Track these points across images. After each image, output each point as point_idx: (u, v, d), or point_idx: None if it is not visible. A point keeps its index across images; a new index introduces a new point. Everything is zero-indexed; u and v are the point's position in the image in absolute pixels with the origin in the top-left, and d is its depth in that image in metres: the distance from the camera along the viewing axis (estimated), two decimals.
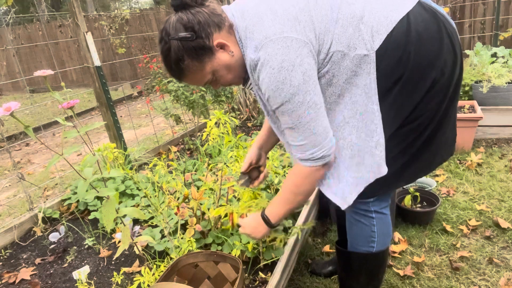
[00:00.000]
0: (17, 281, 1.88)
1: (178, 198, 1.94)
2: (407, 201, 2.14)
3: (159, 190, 1.85)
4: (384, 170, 1.14)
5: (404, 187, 2.32)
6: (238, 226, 1.41)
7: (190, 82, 1.17)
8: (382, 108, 1.09)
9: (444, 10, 1.16)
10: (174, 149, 3.29)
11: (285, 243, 1.69)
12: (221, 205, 1.88)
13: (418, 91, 1.08)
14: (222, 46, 1.08)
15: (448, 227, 2.03)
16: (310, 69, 1.02)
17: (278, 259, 1.61)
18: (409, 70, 1.05)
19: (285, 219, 1.83)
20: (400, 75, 1.06)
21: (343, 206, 1.19)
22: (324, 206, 2.27)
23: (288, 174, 1.20)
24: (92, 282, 1.78)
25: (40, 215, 2.32)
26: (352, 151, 1.13)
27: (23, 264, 2.02)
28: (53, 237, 2.22)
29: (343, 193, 1.18)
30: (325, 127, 1.07)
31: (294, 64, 0.99)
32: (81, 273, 1.83)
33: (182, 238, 1.65)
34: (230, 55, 1.09)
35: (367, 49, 1.04)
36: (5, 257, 2.11)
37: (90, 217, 2.32)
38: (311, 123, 1.04)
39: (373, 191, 1.20)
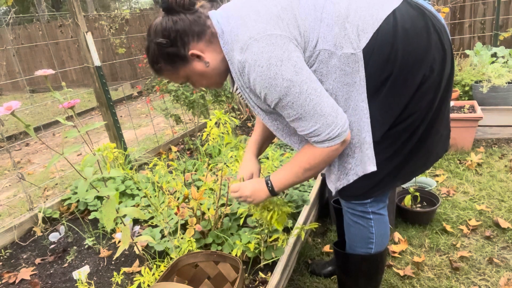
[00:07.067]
0: (17, 281, 1.88)
1: (178, 198, 1.94)
2: (407, 201, 2.14)
3: (159, 190, 1.85)
4: (370, 168, 1.14)
5: (404, 187, 2.32)
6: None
7: (166, 79, 1.20)
8: (373, 108, 1.09)
9: (432, 7, 1.16)
10: (174, 149, 3.30)
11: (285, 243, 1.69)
12: (222, 204, 1.88)
13: (408, 89, 1.07)
14: (197, 56, 1.10)
15: (448, 227, 2.03)
16: (299, 61, 1.02)
17: (278, 259, 1.61)
18: (398, 68, 1.05)
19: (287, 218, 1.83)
20: (389, 73, 1.05)
21: (333, 190, 1.24)
22: (324, 206, 2.27)
23: (301, 151, 1.16)
24: (92, 282, 1.78)
25: (40, 215, 2.32)
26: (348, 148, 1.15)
27: (23, 264, 2.02)
28: (53, 237, 2.22)
29: (334, 177, 1.22)
30: (332, 105, 1.05)
31: (282, 59, 0.99)
32: (81, 273, 1.83)
33: (182, 238, 1.65)
34: (205, 65, 1.11)
35: (354, 48, 1.04)
36: (5, 257, 2.11)
37: (90, 217, 2.32)
38: (316, 107, 1.03)
39: (370, 192, 1.21)
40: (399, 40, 1.03)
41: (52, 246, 2.15)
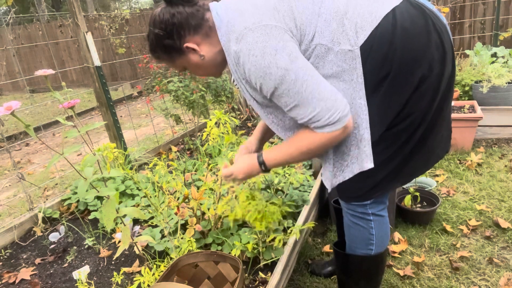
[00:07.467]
0: (17, 281, 1.88)
1: (178, 198, 1.94)
2: (407, 201, 2.14)
3: (159, 190, 1.85)
4: (367, 165, 1.13)
5: (404, 187, 2.32)
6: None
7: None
8: (371, 106, 1.08)
9: (434, 6, 1.16)
10: (174, 149, 3.30)
11: (284, 243, 1.69)
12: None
13: (406, 88, 1.07)
14: (193, 49, 1.13)
15: (448, 227, 2.03)
16: (295, 51, 1.02)
17: (278, 259, 1.61)
18: (396, 66, 1.04)
19: (285, 219, 1.83)
20: (387, 71, 1.05)
21: (329, 187, 1.23)
22: (324, 206, 2.27)
23: (300, 134, 1.12)
24: (92, 282, 1.78)
25: (40, 215, 2.32)
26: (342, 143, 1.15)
27: (23, 264, 2.02)
28: (53, 237, 2.22)
29: (329, 174, 1.21)
30: (330, 90, 1.04)
31: (277, 49, 1.00)
32: (81, 273, 1.83)
33: (182, 238, 1.65)
34: (200, 58, 1.15)
35: (351, 44, 1.04)
36: (5, 257, 2.11)
37: (90, 217, 2.32)
38: (314, 92, 1.02)
39: (370, 193, 1.20)
40: (398, 38, 1.03)
41: (52, 246, 2.15)
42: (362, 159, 1.13)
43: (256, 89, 1.09)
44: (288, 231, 1.68)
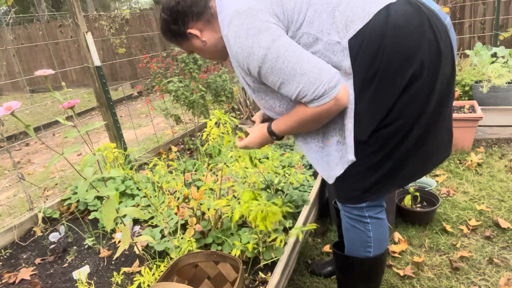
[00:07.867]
0: (17, 281, 1.88)
1: (178, 198, 1.94)
2: (407, 201, 2.14)
3: (159, 190, 1.85)
4: (350, 157, 1.13)
5: (404, 187, 2.32)
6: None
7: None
8: (361, 104, 1.07)
9: (438, 6, 1.14)
10: (174, 149, 3.29)
11: (284, 243, 1.69)
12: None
13: (396, 86, 1.04)
14: (195, 35, 1.21)
15: (448, 227, 2.03)
16: (278, 31, 1.05)
17: (278, 259, 1.60)
18: (385, 64, 1.03)
19: (285, 219, 1.83)
20: (377, 68, 1.03)
21: (329, 181, 1.22)
22: (324, 206, 2.27)
23: (296, 108, 1.13)
24: (92, 282, 1.78)
25: (40, 215, 2.32)
26: (333, 130, 1.16)
27: (23, 264, 2.02)
28: (53, 237, 2.22)
29: (329, 166, 1.20)
30: (314, 63, 1.03)
31: (260, 29, 1.03)
32: (81, 273, 1.83)
33: (182, 238, 1.65)
34: (202, 43, 1.24)
35: (340, 37, 1.05)
36: (5, 257, 2.11)
37: (90, 217, 2.32)
38: (296, 67, 1.03)
39: (363, 196, 1.19)
40: (389, 36, 1.01)
41: (52, 246, 2.15)
42: (347, 150, 1.13)
43: (247, 72, 1.12)
44: (290, 231, 1.68)
